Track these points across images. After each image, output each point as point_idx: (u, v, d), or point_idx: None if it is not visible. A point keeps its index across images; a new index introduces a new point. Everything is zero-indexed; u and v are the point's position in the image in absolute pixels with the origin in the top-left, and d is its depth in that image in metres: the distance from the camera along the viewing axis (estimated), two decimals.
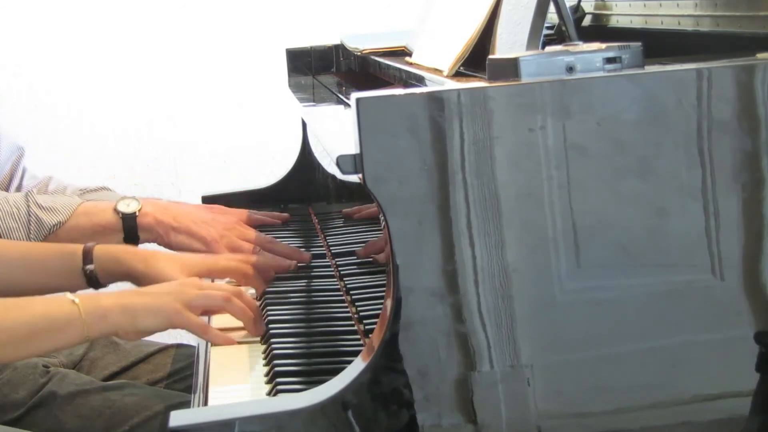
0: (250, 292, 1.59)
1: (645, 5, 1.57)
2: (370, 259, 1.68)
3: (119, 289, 1.48)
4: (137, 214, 1.74)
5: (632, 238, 1.12)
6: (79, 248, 1.57)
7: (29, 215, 1.70)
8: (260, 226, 1.94)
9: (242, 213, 1.92)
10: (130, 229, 1.73)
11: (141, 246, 1.75)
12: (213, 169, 3.10)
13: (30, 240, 1.68)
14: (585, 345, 1.12)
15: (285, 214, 2.02)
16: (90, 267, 1.54)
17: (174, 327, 1.41)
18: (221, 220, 1.82)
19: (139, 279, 1.55)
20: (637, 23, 1.60)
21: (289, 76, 2.30)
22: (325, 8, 3.05)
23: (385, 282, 1.15)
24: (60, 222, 1.70)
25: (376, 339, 1.12)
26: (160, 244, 1.77)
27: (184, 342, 2.07)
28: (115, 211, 1.74)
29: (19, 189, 2.00)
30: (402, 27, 2.03)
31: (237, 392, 1.30)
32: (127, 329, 1.39)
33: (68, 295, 1.39)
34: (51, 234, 1.69)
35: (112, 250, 1.58)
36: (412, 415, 1.10)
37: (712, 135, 1.12)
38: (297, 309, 1.56)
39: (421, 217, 1.10)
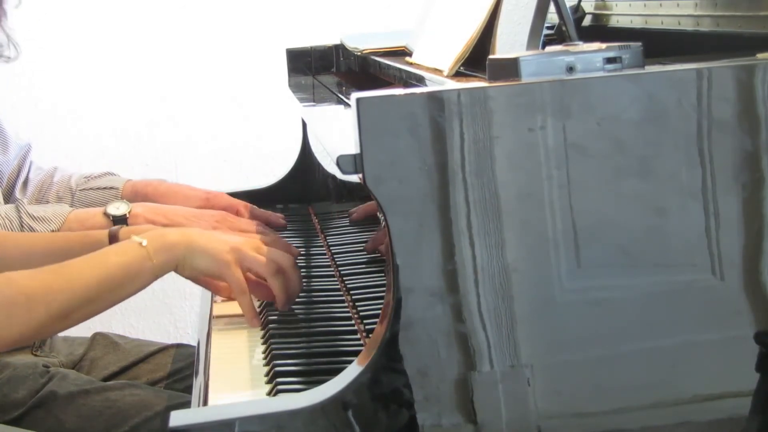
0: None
1: (645, 5, 1.57)
2: (371, 259, 1.68)
3: None
4: (127, 216, 1.74)
5: (632, 238, 1.12)
6: (103, 234, 1.57)
7: (22, 226, 1.70)
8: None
9: (245, 206, 1.94)
10: None
11: None
12: (213, 168, 3.10)
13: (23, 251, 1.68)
14: (585, 345, 1.12)
15: (282, 221, 2.02)
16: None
17: (221, 277, 1.44)
18: (211, 212, 1.82)
19: None
20: (637, 23, 1.60)
21: (289, 76, 2.30)
22: (325, 8, 3.05)
23: (385, 282, 1.15)
24: (53, 231, 1.71)
25: (375, 339, 1.12)
26: None
27: (184, 342, 2.08)
28: (106, 214, 1.74)
29: (26, 182, 2.00)
30: (402, 27, 2.02)
31: (237, 392, 1.30)
32: (185, 265, 1.42)
33: (135, 237, 1.42)
34: None
35: (139, 232, 1.58)
36: (412, 415, 1.10)
37: (712, 135, 1.12)
38: (297, 309, 1.56)
39: (421, 217, 1.10)
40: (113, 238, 1.56)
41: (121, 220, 1.74)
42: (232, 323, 1.55)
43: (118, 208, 1.75)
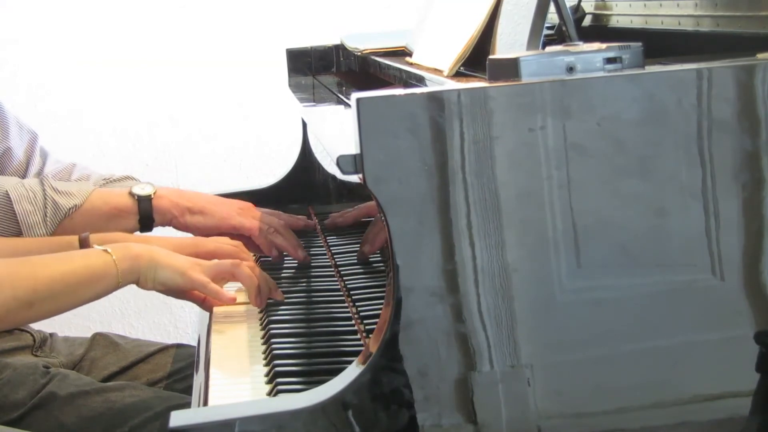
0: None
1: (645, 5, 1.57)
2: (370, 259, 1.68)
3: None
4: (152, 196, 1.76)
5: (632, 238, 1.12)
6: (74, 239, 1.61)
7: (45, 198, 1.70)
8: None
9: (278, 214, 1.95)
10: (146, 212, 1.75)
11: (155, 230, 1.77)
12: (213, 168, 3.10)
13: (46, 223, 1.69)
14: (585, 345, 1.12)
15: (311, 221, 2.01)
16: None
17: (184, 284, 1.50)
18: (232, 201, 1.84)
19: None
20: (637, 23, 1.60)
21: (289, 76, 2.30)
22: (325, 8, 3.05)
23: (385, 282, 1.15)
24: (76, 205, 1.71)
25: (376, 339, 1.12)
26: (174, 226, 1.79)
27: (184, 342, 2.07)
28: (131, 194, 1.76)
29: (39, 175, 1.98)
30: (402, 27, 2.02)
31: (237, 392, 1.30)
32: (148, 278, 1.48)
33: (97, 246, 1.49)
34: (66, 217, 1.70)
35: (108, 238, 1.62)
36: (412, 415, 1.10)
37: (712, 135, 1.12)
38: (297, 309, 1.56)
39: (421, 217, 1.10)
40: (83, 244, 1.60)
41: (146, 200, 1.75)
42: (232, 323, 1.55)
43: (143, 189, 1.78)
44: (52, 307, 1.43)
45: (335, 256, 1.76)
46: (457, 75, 1.48)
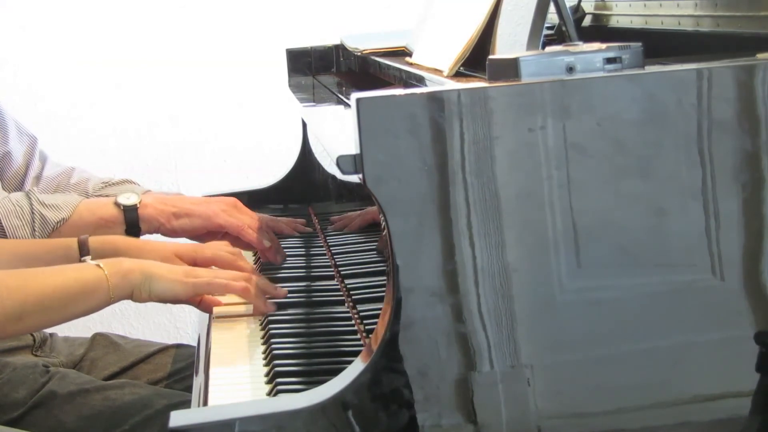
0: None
1: (645, 5, 1.57)
2: (371, 259, 1.68)
3: None
4: (138, 205, 1.76)
5: (632, 238, 1.12)
6: (73, 241, 1.60)
7: (33, 213, 1.71)
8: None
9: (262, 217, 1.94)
10: (132, 221, 1.76)
11: (142, 238, 1.77)
12: (213, 169, 3.10)
13: (34, 237, 1.69)
14: (585, 345, 1.12)
15: (301, 224, 2.01)
16: (87, 258, 1.56)
17: (185, 292, 1.49)
18: (219, 198, 1.85)
19: None
20: (637, 23, 1.60)
21: (289, 76, 2.30)
22: (325, 8, 3.05)
23: (385, 282, 1.15)
24: (64, 218, 1.72)
25: (376, 339, 1.12)
26: (162, 233, 1.79)
27: (184, 342, 2.07)
28: (116, 204, 1.76)
29: (38, 178, 1.99)
30: (402, 27, 2.03)
31: (237, 392, 1.30)
32: (142, 291, 1.46)
33: (90, 260, 1.48)
34: (54, 231, 1.71)
35: (107, 240, 1.61)
36: (412, 415, 1.10)
37: (712, 135, 1.12)
38: (297, 309, 1.56)
39: (421, 217, 1.10)
40: (83, 246, 1.59)
41: (131, 209, 1.76)
42: (232, 323, 1.55)
43: (128, 198, 1.78)
44: (42, 321, 1.42)
45: (335, 257, 1.76)
46: (457, 75, 1.48)
